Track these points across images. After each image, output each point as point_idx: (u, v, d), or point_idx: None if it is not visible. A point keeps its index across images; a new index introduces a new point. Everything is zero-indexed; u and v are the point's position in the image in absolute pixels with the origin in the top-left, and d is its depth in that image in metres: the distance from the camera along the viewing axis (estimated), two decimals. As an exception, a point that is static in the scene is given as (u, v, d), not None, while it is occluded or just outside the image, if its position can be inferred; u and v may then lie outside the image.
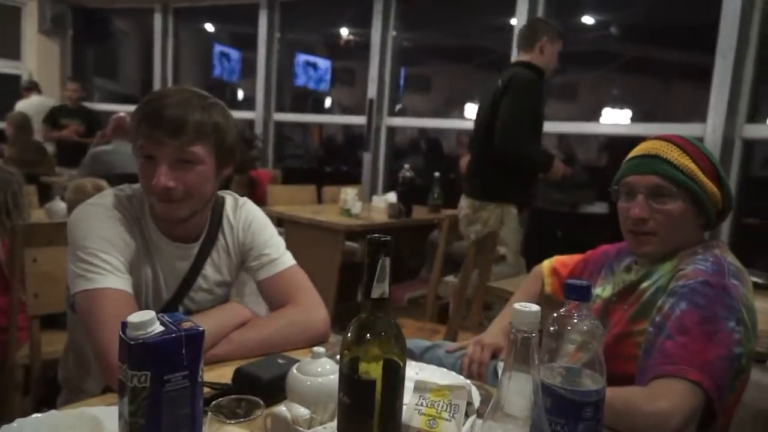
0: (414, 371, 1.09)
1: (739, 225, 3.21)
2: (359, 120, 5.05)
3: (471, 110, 5.16)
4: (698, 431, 1.01)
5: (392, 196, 3.68)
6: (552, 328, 0.76)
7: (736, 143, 3.17)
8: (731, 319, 1.05)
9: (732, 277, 1.11)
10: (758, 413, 2.73)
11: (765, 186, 3.30)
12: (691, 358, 1.00)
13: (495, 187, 2.77)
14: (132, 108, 1.23)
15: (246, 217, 1.35)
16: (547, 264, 1.61)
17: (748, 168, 3.20)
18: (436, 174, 3.76)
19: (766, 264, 2.37)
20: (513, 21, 4.09)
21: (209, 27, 6.87)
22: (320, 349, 0.94)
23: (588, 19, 4.49)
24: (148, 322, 0.65)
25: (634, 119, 4.16)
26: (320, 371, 0.91)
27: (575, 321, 0.76)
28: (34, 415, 0.83)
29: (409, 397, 0.76)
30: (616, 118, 4.30)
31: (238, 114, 6.00)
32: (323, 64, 6.23)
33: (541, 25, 2.85)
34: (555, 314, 0.77)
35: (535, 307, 0.69)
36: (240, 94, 6.68)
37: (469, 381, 1.04)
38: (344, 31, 5.99)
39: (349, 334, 0.72)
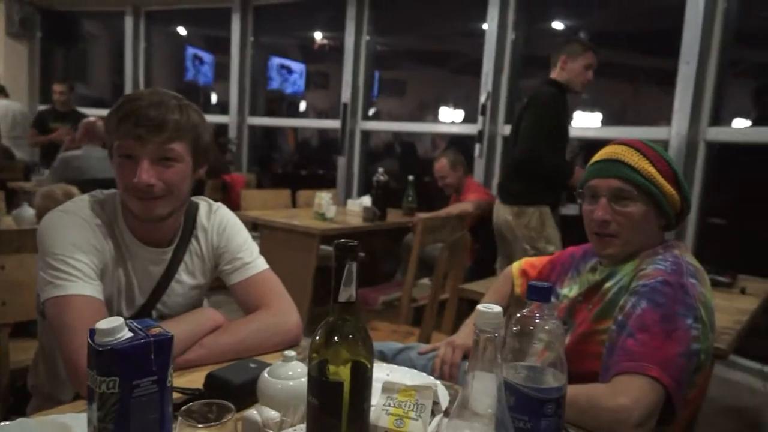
0: (385, 373, 1.11)
1: (703, 225, 3.30)
2: (334, 124, 5.06)
3: (445, 114, 5.22)
4: (659, 425, 1.04)
5: (367, 200, 3.70)
6: (515, 329, 0.79)
7: (699, 145, 3.26)
8: (689, 317, 1.09)
9: (690, 276, 1.16)
10: (724, 408, 2.82)
11: (728, 186, 3.40)
12: (651, 355, 1.04)
13: (532, 191, 2.90)
14: (103, 112, 1.23)
15: (220, 221, 1.36)
16: (516, 265, 1.65)
17: (712, 169, 3.30)
18: (410, 177, 3.79)
19: (729, 263, 2.45)
20: (484, 26, 4.15)
21: (182, 30, 6.81)
22: (291, 353, 0.96)
23: (558, 25, 4.58)
24: (116, 328, 0.66)
25: (604, 123, 4.25)
26: (291, 374, 0.92)
27: (537, 321, 0.79)
28: (3, 423, 0.82)
29: (377, 398, 0.78)
30: (587, 122, 4.39)
31: (211, 118, 5.96)
32: (297, 67, 6.23)
33: (563, 44, 2.95)
34: (518, 315, 0.80)
35: (498, 308, 0.72)
36: (213, 98, 6.64)
37: (438, 381, 1.07)
38: (318, 35, 5.99)
39: (317, 337, 0.73)
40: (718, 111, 3.28)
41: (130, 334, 0.66)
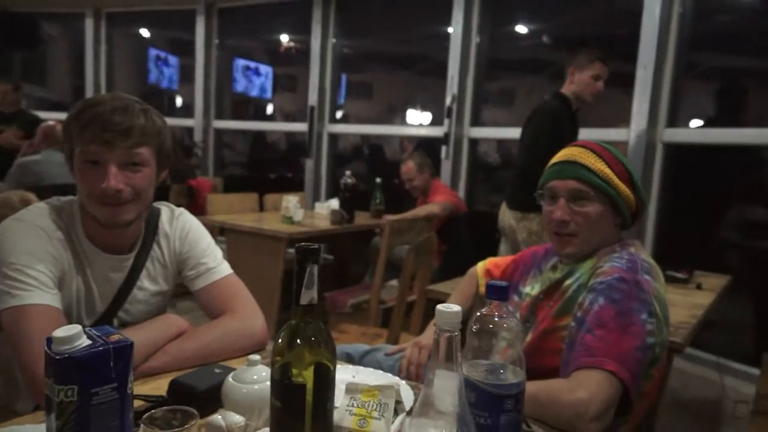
0: (351, 375, 1.12)
1: (661, 223, 3.40)
2: (301, 127, 5.05)
3: (413, 116, 5.25)
4: (617, 417, 1.08)
5: (335, 203, 3.70)
6: (474, 327, 0.80)
7: (657, 146, 3.36)
8: (644, 312, 1.13)
9: (645, 273, 1.20)
10: (683, 399, 2.91)
11: (685, 186, 3.51)
12: (608, 350, 1.07)
13: (534, 199, 2.94)
14: (63, 116, 1.22)
15: (183, 226, 1.35)
16: (481, 265, 1.68)
17: (670, 169, 3.40)
18: (378, 180, 3.81)
19: (686, 260, 2.53)
20: (449, 29, 4.20)
21: (145, 32, 6.69)
22: (256, 357, 0.96)
23: (521, 29, 4.66)
24: (74, 336, 0.65)
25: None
26: (256, 378, 0.92)
27: (496, 320, 0.81)
28: (-43, 437, 0.80)
29: (341, 399, 0.79)
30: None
31: (176, 121, 5.88)
32: (264, 70, 6.18)
33: (571, 56, 2.96)
34: (477, 314, 0.82)
35: (457, 308, 0.74)
36: (178, 101, 6.54)
37: (402, 381, 1.08)
38: (284, 38, 5.97)
39: (279, 341, 0.74)
40: (675, 113, 3.39)
41: (89, 342, 0.66)
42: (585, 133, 3.61)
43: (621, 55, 3.57)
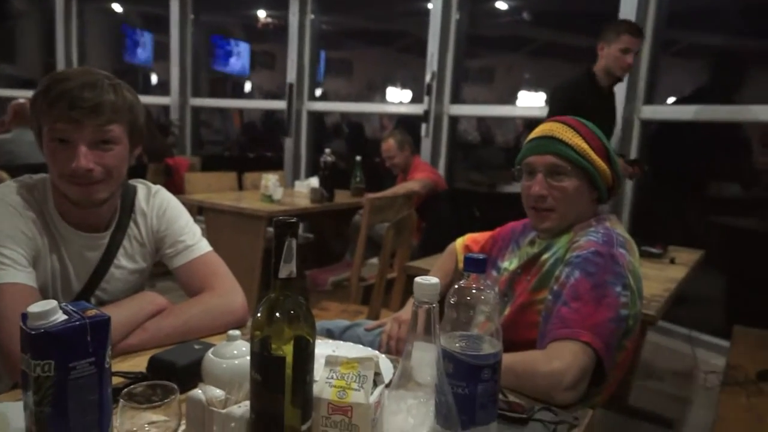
0: (331, 349, 1.12)
1: (637, 199, 3.45)
2: (280, 105, 5.00)
3: (393, 94, 5.23)
4: (591, 387, 1.11)
5: (315, 181, 3.68)
6: (452, 300, 0.82)
7: (635, 123, 3.40)
8: (618, 285, 1.15)
9: (620, 246, 1.22)
10: (656, 371, 2.98)
11: (662, 162, 3.56)
12: (583, 322, 1.09)
13: None
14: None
15: (160, 204, 1.33)
16: (460, 241, 1.69)
17: (646, 146, 3.44)
18: (358, 158, 3.80)
19: (661, 235, 2.58)
20: (429, 5, 4.17)
21: (117, 8, 6.52)
22: (236, 332, 0.96)
23: (501, 5, 4.64)
24: (49, 311, 0.64)
25: (548, 102, 4.35)
26: (236, 353, 0.93)
27: (474, 292, 0.82)
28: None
29: (321, 372, 0.79)
30: (530, 101, 4.48)
31: (152, 99, 5.78)
32: (241, 47, 6.09)
33: (602, 30, 2.85)
34: (455, 286, 0.82)
35: (435, 280, 0.75)
36: (154, 79, 6.42)
37: (383, 355, 1.09)
38: (261, 14, 5.87)
39: (258, 314, 0.74)
40: (653, 90, 3.42)
41: (65, 317, 0.65)
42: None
43: (599, 32, 3.58)
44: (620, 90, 3.34)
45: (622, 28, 2.80)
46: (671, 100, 3.59)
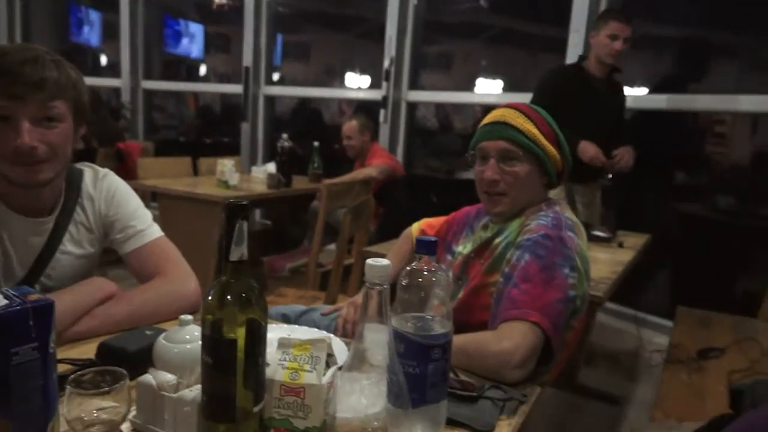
0: (286, 333, 1.13)
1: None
2: (236, 89, 4.90)
3: (351, 79, 5.20)
4: (540, 366, 1.14)
5: (272, 167, 3.65)
6: (404, 282, 0.83)
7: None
8: (566, 267, 1.19)
9: (568, 230, 1.26)
10: (604, 350, 3.09)
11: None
12: (532, 302, 1.13)
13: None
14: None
15: (108, 188, 1.30)
16: (416, 226, 1.71)
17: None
18: (316, 144, 3.77)
19: (611, 220, 2.67)
20: (386, -10, 4.15)
21: (63, -15, 6.26)
22: (188, 317, 0.95)
23: (459, -9, 4.66)
24: (-12, 296, 0.63)
25: (505, 89, 4.41)
26: (188, 338, 0.92)
27: (425, 273, 0.84)
28: None
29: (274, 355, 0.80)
30: (488, 88, 4.53)
31: (101, 81, 5.58)
32: (195, 29, 5.93)
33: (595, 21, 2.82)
34: (407, 268, 0.84)
35: (386, 261, 0.76)
36: (103, 60, 6.19)
37: (337, 337, 1.10)
38: (216, -5, 5.73)
39: (209, 297, 0.74)
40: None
41: (5, 302, 0.63)
42: (520, 98, 3.68)
43: (554, 20, 3.64)
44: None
45: (609, 15, 2.81)
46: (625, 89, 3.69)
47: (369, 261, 0.75)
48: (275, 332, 0.95)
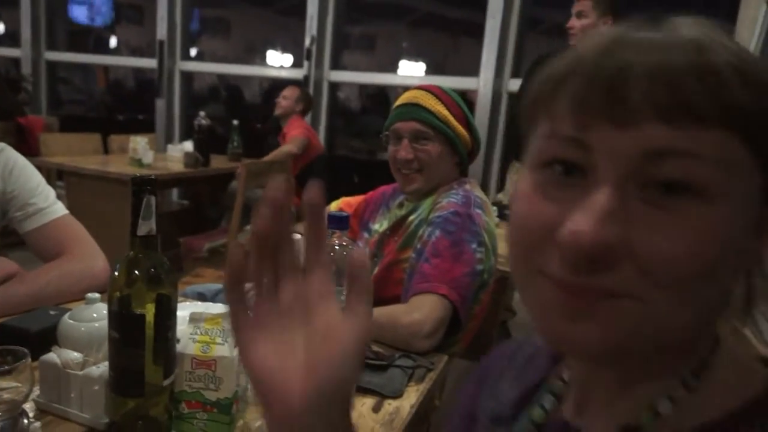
0: (201, 310, 1.12)
1: (504, 164, 3.70)
2: (150, 63, 4.69)
3: (273, 57, 5.09)
4: (449, 336, 1.21)
5: (189, 145, 3.54)
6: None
7: (503, 96, 3.61)
8: (474, 242, 1.26)
9: (477, 207, 1.32)
10: (514, 323, 3.26)
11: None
12: (441, 276, 1.19)
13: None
14: None
15: (5, 163, 1.23)
16: (334, 204, 1.72)
17: (514, 117, 3.68)
18: (235, 122, 3.69)
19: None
20: (308, -34, 4.09)
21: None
22: (95, 295, 0.93)
23: (381, -29, 4.66)
24: None
25: (427, 72, 4.48)
26: (95, 316, 0.90)
27: (337, 248, 0.86)
28: None
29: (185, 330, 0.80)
30: (411, 71, 4.58)
31: (-2, 50, 5.16)
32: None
33: None
34: (319, 243, 0.86)
35: (297, 236, 0.77)
36: (0, 28, 5.72)
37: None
38: (127, -38, 5.42)
39: (116, 273, 0.73)
40: (519, 65, 3.65)
41: None
42: (439, 81, 3.76)
43: (474, 5, 3.73)
44: (489, 63, 3.52)
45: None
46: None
47: (279, 235, 0.76)
48: (191, 309, 0.95)
